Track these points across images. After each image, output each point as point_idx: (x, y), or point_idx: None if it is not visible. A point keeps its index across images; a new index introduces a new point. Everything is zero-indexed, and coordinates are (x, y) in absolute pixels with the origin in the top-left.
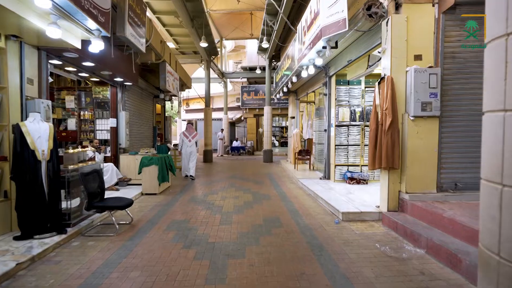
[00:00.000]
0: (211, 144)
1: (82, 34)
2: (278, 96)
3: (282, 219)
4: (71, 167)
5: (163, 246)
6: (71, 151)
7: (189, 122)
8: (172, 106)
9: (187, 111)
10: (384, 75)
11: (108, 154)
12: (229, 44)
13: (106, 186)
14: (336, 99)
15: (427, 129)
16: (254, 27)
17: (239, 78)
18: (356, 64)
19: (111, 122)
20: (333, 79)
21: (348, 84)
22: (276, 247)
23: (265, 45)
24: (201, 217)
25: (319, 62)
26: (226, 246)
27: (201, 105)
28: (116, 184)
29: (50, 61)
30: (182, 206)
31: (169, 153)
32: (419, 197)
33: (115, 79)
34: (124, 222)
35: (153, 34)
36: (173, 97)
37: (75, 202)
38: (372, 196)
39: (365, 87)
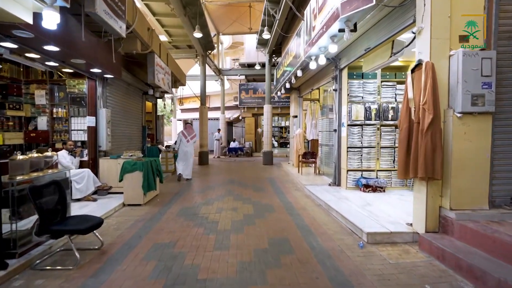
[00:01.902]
0: (207, 145)
1: (33, 5)
2: (278, 94)
3: (292, 241)
4: (19, 178)
5: (137, 286)
6: (20, 157)
7: (188, 122)
8: (164, 104)
9: (183, 110)
10: (419, 61)
11: (85, 158)
12: (226, 41)
13: (81, 196)
14: (348, 94)
15: (478, 128)
16: (253, 21)
17: (237, 75)
18: (374, 53)
19: (89, 120)
20: (345, 72)
21: (362, 78)
22: (289, 287)
23: (266, 35)
24: (191, 238)
25: (333, 49)
26: (222, 287)
27: (198, 104)
28: (95, 193)
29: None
30: (169, 222)
31: (160, 155)
32: (469, 215)
33: (93, 70)
34: (92, 248)
35: (138, 18)
36: (165, 94)
37: (28, 222)
38: (395, 209)
39: (382, 81)
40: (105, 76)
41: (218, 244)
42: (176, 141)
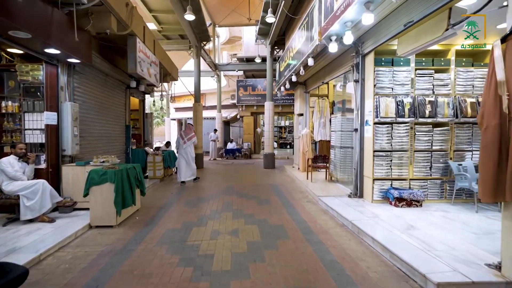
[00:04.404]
0: (202, 146)
1: None
2: (282, 89)
3: None
4: None
5: None
6: None
7: (189, 123)
8: (154, 101)
9: (177, 109)
10: None
11: (43, 165)
12: (223, 35)
13: (33, 216)
14: (375, 86)
15: None
16: (252, 10)
17: (234, 70)
18: (418, 28)
19: (48, 117)
20: (370, 59)
21: (392, 65)
22: None
23: (269, 19)
24: None
25: (369, 20)
26: None
27: (193, 102)
28: (55, 209)
29: None
30: (145, 256)
31: (147, 159)
32: None
33: (49, 51)
34: None
35: None
36: (154, 90)
37: None
38: (449, 234)
39: (416, 69)
40: (69, 60)
41: None
42: (175, 144)
